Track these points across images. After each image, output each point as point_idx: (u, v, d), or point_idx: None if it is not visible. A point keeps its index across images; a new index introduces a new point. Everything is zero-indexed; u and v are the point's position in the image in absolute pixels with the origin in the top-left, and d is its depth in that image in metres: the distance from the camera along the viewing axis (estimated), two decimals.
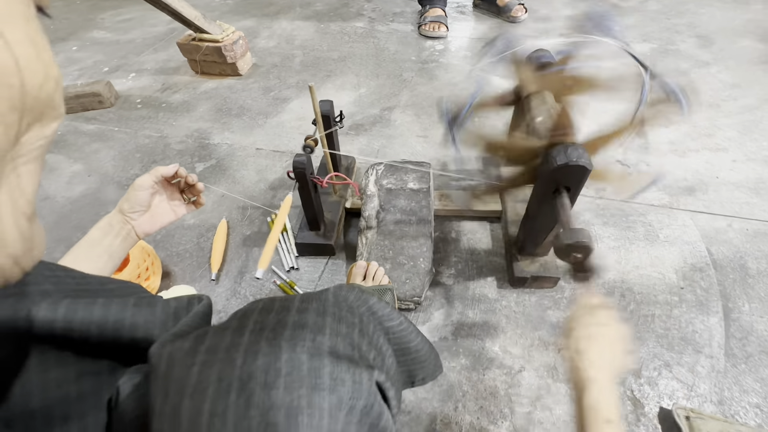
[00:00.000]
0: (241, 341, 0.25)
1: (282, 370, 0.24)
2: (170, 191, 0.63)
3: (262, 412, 0.23)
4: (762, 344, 0.79)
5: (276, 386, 0.23)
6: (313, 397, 0.24)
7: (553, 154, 0.66)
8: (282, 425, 0.23)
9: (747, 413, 0.71)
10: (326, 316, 0.28)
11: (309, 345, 0.25)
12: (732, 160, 1.16)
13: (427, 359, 0.48)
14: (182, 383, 0.24)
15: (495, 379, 0.78)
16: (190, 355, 0.26)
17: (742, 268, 0.91)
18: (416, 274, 0.89)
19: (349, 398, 0.25)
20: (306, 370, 0.24)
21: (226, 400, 0.23)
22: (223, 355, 0.25)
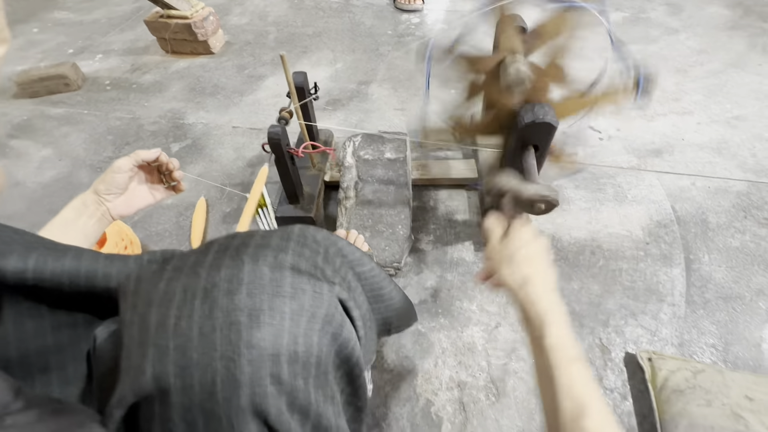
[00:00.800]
0: (205, 259, 0.27)
1: (244, 279, 0.26)
2: (149, 175, 0.61)
3: (226, 313, 0.24)
4: (719, 290, 0.85)
5: (239, 292, 0.25)
6: (274, 301, 0.25)
7: (522, 113, 0.68)
8: (245, 323, 0.24)
9: (704, 353, 0.77)
10: (290, 241, 0.30)
11: (271, 260, 0.27)
12: (697, 122, 1.21)
13: (401, 307, 0.51)
14: (150, 296, 0.26)
15: (473, 335, 0.82)
16: (157, 273, 0.27)
17: (703, 223, 0.96)
18: (395, 240, 0.91)
19: (310, 306, 0.27)
20: (268, 280, 0.26)
21: (191, 306, 0.25)
22: (189, 270, 0.26)
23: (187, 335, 0.24)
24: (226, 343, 0.24)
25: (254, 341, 0.24)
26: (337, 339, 0.28)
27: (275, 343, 0.24)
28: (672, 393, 0.68)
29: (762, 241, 0.92)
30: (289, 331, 0.25)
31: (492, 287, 0.52)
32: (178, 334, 0.24)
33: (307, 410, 0.25)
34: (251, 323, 0.24)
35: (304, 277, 0.28)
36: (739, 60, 1.41)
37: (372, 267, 0.42)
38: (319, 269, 0.30)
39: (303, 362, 0.25)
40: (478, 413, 0.72)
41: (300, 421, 0.25)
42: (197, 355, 0.23)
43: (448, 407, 0.73)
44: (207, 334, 0.24)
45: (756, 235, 0.93)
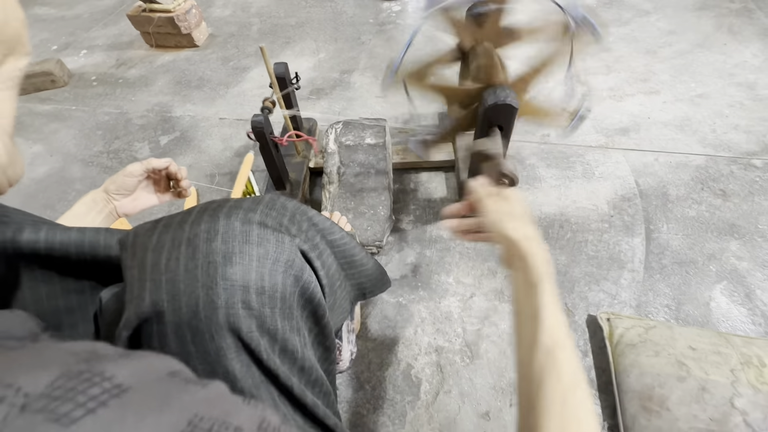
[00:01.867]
0: (189, 217, 0.33)
1: (220, 230, 0.31)
2: (157, 179, 0.65)
3: (205, 255, 0.30)
4: (675, 256, 0.92)
5: (215, 240, 0.31)
6: (244, 247, 0.31)
7: (485, 95, 0.73)
8: (220, 262, 0.30)
9: (658, 312, 0.84)
10: (259, 204, 0.35)
11: (242, 216, 0.33)
12: (663, 101, 1.27)
13: (374, 273, 0.57)
14: (145, 245, 0.32)
15: (450, 305, 0.89)
16: (150, 229, 0.33)
17: (664, 196, 1.03)
18: (377, 221, 0.97)
19: (273, 252, 0.33)
20: (239, 231, 0.32)
21: (178, 251, 0.31)
22: (176, 225, 0.32)
23: (175, 271, 0.30)
24: (205, 277, 0.30)
25: (228, 275, 0.30)
26: (299, 281, 0.34)
27: (244, 277, 0.30)
28: (626, 347, 0.75)
29: (716, 210, 0.99)
30: (256, 270, 0.31)
31: (474, 239, 0.52)
32: (169, 271, 0.30)
33: (274, 333, 0.31)
34: (225, 262, 0.30)
35: (269, 230, 0.33)
36: (706, 40, 1.46)
37: (342, 235, 0.48)
38: (284, 227, 0.35)
39: (269, 295, 0.31)
40: (453, 373, 0.79)
41: (269, 342, 0.31)
42: (184, 285, 0.29)
43: (426, 369, 0.80)
44: (191, 270, 0.30)
45: (711, 205, 1.00)
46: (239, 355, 0.30)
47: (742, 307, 0.83)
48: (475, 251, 0.97)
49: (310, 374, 0.34)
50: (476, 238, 0.53)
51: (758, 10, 1.57)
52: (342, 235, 0.48)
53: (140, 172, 0.61)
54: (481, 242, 0.52)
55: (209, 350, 0.29)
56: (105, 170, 1.27)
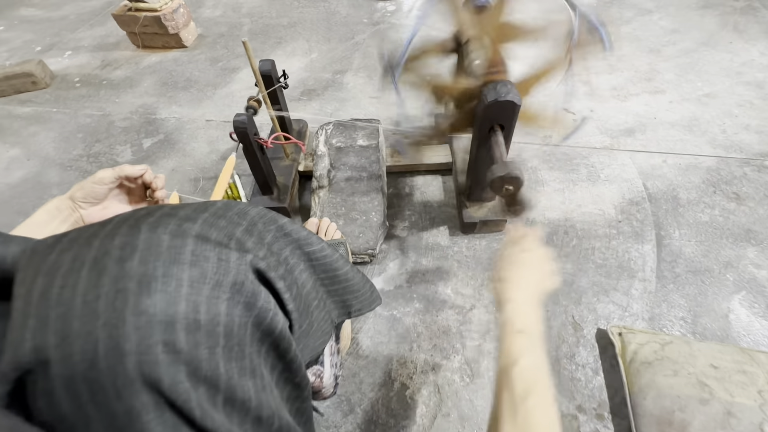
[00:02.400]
0: (103, 230, 0.26)
1: (139, 246, 0.25)
2: (132, 187, 0.58)
3: (114, 280, 0.23)
4: (689, 265, 0.86)
5: (131, 259, 0.24)
6: (170, 268, 0.24)
7: (485, 92, 0.67)
8: (133, 291, 0.23)
9: (673, 325, 0.78)
10: (203, 212, 0.29)
11: (173, 228, 0.26)
12: (669, 101, 1.22)
13: (361, 289, 0.50)
14: (38, 268, 0.24)
15: (447, 318, 0.82)
16: (51, 246, 0.26)
17: (674, 199, 0.97)
18: (369, 227, 0.90)
19: (214, 273, 0.26)
20: (165, 247, 0.25)
21: (78, 275, 0.24)
22: (83, 241, 0.25)
23: (69, 304, 0.23)
24: (110, 311, 0.23)
25: (143, 308, 0.23)
26: (252, 309, 0.27)
27: (168, 309, 0.23)
28: (641, 365, 0.69)
29: (730, 215, 0.93)
30: (187, 298, 0.24)
31: None
32: (61, 303, 0.23)
33: (215, 381, 0.24)
34: (141, 289, 0.23)
35: (211, 245, 0.27)
36: (711, 39, 1.42)
37: (322, 247, 0.41)
38: (234, 240, 0.29)
39: (207, 331, 0.24)
40: (452, 394, 0.73)
41: (207, 393, 0.24)
42: (79, 323, 0.22)
43: (423, 390, 0.73)
44: (91, 302, 0.23)
45: (725, 209, 0.94)
46: (161, 415, 0.22)
47: (763, 320, 0.77)
48: (474, 260, 0.90)
49: (270, 424, 0.27)
50: None
51: (763, 8, 1.53)
52: (322, 247, 0.42)
53: (111, 180, 0.54)
54: None
55: (116, 412, 0.22)
56: (84, 175, 1.20)
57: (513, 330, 0.43)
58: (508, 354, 0.40)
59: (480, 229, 0.93)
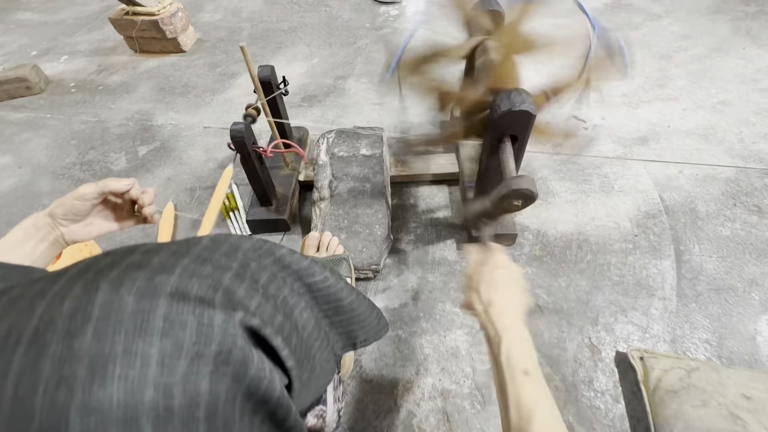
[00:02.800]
0: (52, 288, 0.21)
1: (94, 314, 0.20)
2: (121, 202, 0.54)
3: (57, 364, 0.18)
4: (711, 282, 0.81)
5: (82, 333, 0.19)
6: (134, 342, 0.19)
7: (497, 101, 0.63)
8: (81, 379, 0.18)
9: (697, 348, 0.73)
10: (184, 257, 0.24)
11: (141, 285, 0.21)
12: (683, 108, 1.18)
13: (367, 318, 0.46)
14: None
15: (456, 339, 0.78)
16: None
17: (693, 212, 0.93)
18: (373, 242, 0.86)
19: (192, 343, 0.21)
20: (129, 312, 0.20)
21: (11, 355, 0.19)
22: (25, 303, 0.21)
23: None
24: (48, 408, 0.17)
25: (93, 403, 0.17)
26: (242, 380, 0.22)
27: (130, 401, 0.18)
28: (666, 394, 0.64)
29: (753, 228, 0.89)
30: (155, 382, 0.19)
31: (461, 307, 0.56)
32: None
33: None
34: (92, 377, 0.18)
35: (189, 305, 0.22)
36: (723, 44, 1.38)
37: (325, 276, 0.37)
38: (221, 291, 0.24)
39: (183, 419, 0.19)
40: (462, 423, 0.68)
41: None
42: (4, 427, 0.17)
43: (431, 418, 0.69)
44: (24, 396, 0.18)
45: (746, 222, 0.90)
46: None
47: None
48: None
49: None
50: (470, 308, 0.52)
51: None
52: (325, 277, 0.37)
53: (94, 196, 0.50)
54: None
55: None
56: (76, 183, 1.16)
57: (518, 370, 0.40)
58: (521, 406, 0.38)
59: None
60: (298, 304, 0.32)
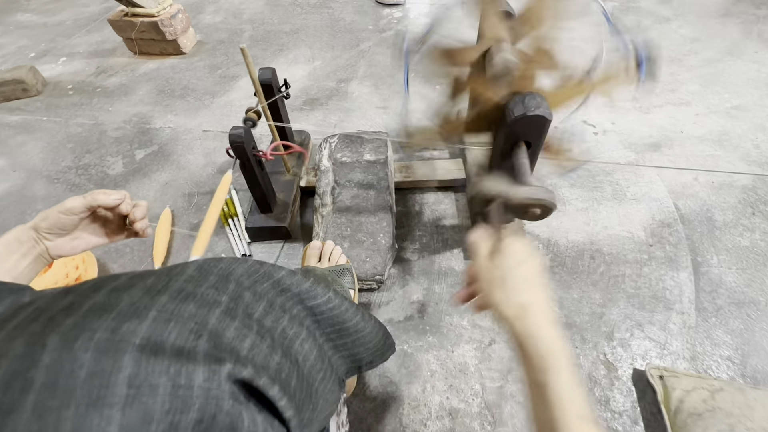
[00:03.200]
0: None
1: (36, 381, 0.15)
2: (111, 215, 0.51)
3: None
4: (731, 295, 0.77)
5: (18, 409, 0.15)
6: (87, 418, 0.15)
7: (510, 105, 0.60)
8: None
9: (719, 367, 0.69)
10: (161, 295, 0.20)
11: (102, 337, 0.17)
12: (695, 113, 1.14)
13: (373, 339, 0.42)
14: None
15: (464, 355, 0.74)
16: None
17: (709, 221, 0.89)
18: (377, 251, 0.82)
19: (165, 412, 0.17)
20: (84, 376, 0.16)
21: None
22: None
23: None
24: None
25: None
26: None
27: None
28: (689, 417, 0.60)
29: None
30: None
31: (476, 310, 0.44)
32: None
33: None
34: None
35: (162, 361, 0.18)
36: (735, 48, 1.35)
37: (328, 298, 0.34)
38: (205, 336, 0.20)
39: None
40: None
41: None
42: None
43: None
44: None
45: (766, 232, 0.86)
46: None
47: None
48: None
49: None
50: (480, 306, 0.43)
51: None
52: (328, 298, 0.34)
53: (81, 210, 0.46)
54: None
55: None
56: (71, 188, 1.13)
57: (573, 414, 0.31)
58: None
59: None
60: (299, 334, 0.29)
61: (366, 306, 0.81)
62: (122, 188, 1.11)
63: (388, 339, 0.46)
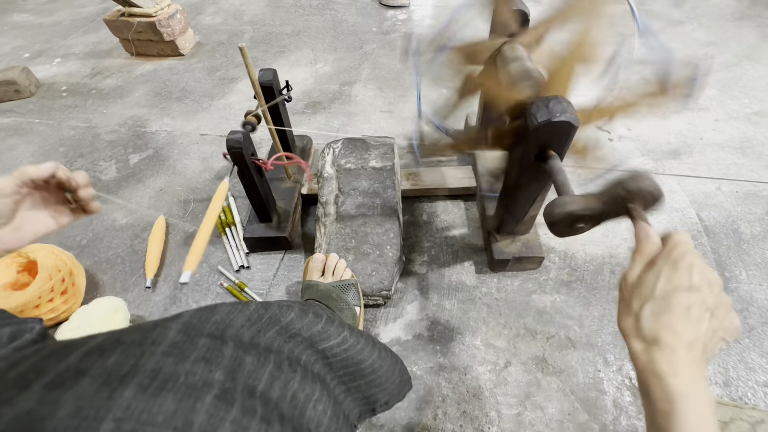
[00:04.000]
0: None
1: None
2: (49, 195, 0.46)
3: None
4: (764, 314, 0.72)
5: None
6: None
7: (533, 110, 0.55)
8: None
9: (755, 393, 0.64)
10: (125, 387, 0.14)
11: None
12: (714, 119, 1.10)
13: (389, 379, 0.37)
14: None
15: (478, 378, 0.69)
16: None
17: (736, 233, 0.84)
18: (383, 264, 0.77)
19: None
20: None
21: None
22: None
23: None
24: None
25: None
26: None
27: None
28: None
29: None
30: None
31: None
32: None
33: None
34: None
35: None
36: (752, 52, 1.30)
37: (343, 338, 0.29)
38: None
39: None
40: None
41: None
42: None
43: None
44: None
45: None
46: None
47: None
48: (506, 304, 0.77)
49: None
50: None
51: None
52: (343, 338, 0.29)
53: (12, 190, 0.41)
54: None
55: None
56: None
57: None
58: None
59: (512, 266, 0.80)
60: (311, 395, 0.24)
61: (372, 323, 0.76)
62: (115, 194, 1.06)
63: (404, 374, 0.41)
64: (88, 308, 0.74)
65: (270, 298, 0.82)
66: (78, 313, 0.74)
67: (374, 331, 0.75)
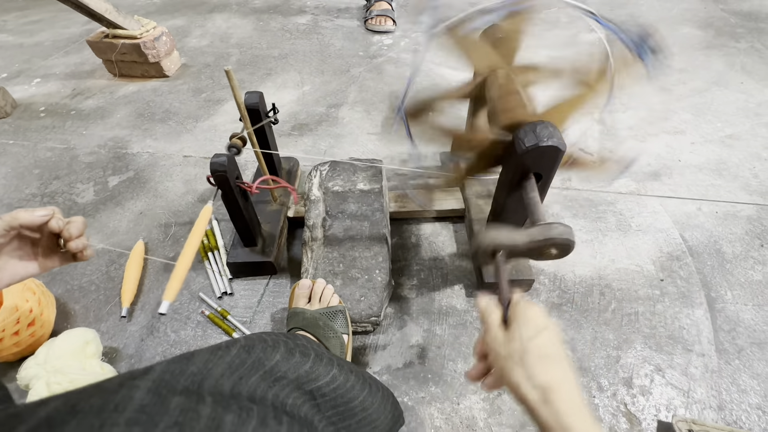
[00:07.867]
0: None
1: None
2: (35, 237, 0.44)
3: None
4: (751, 335, 0.73)
5: None
6: None
7: (520, 135, 0.55)
8: None
9: (749, 417, 0.63)
10: None
11: None
12: (690, 142, 1.13)
13: (380, 416, 0.35)
14: None
15: (472, 407, 0.66)
16: None
17: (719, 254, 0.86)
18: (372, 289, 0.75)
19: None
20: None
21: None
22: None
23: None
24: None
25: None
26: None
27: None
28: None
29: None
30: None
31: (488, 388, 0.40)
32: None
33: None
34: None
35: None
36: (721, 78, 1.37)
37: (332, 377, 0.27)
38: None
39: None
40: None
41: None
42: None
43: None
44: None
45: None
46: None
47: None
48: None
49: None
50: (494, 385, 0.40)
51: (765, 49, 1.50)
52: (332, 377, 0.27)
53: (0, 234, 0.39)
54: None
55: None
56: None
57: None
58: None
59: None
60: None
61: (360, 351, 0.73)
62: (92, 218, 1.02)
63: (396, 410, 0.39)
64: (56, 341, 0.69)
65: (254, 325, 0.78)
66: (45, 345, 0.69)
67: (363, 360, 0.72)
